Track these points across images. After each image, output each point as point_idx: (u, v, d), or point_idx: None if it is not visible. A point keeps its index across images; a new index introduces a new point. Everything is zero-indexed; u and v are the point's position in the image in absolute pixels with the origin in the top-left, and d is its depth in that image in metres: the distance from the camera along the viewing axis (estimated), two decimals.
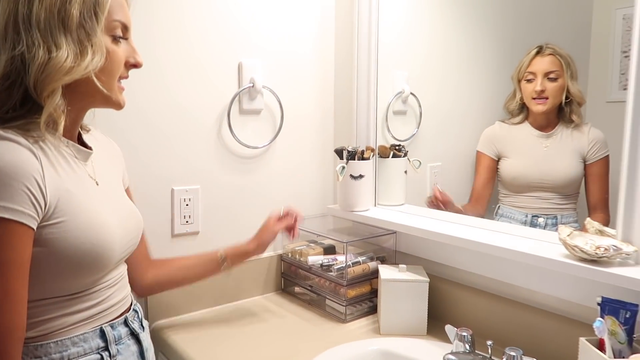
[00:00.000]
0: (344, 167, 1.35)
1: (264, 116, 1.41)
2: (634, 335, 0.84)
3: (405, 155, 1.43)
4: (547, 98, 1.28)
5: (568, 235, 0.95)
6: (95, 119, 0.91)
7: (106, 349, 0.80)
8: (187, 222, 1.29)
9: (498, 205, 1.36)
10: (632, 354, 0.78)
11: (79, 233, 0.73)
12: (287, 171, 1.48)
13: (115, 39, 0.78)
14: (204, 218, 1.32)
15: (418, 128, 1.54)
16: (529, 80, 1.30)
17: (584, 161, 1.24)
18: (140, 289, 1.05)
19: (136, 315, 0.90)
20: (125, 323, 0.85)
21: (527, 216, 1.29)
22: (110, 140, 0.97)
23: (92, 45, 0.73)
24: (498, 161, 1.38)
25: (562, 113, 1.28)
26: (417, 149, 1.51)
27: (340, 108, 1.55)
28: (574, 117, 1.26)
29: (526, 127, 1.33)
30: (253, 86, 1.35)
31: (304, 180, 1.52)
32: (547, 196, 1.28)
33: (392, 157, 1.42)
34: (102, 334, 0.80)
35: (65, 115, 0.74)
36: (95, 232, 0.75)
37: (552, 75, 1.26)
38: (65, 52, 0.71)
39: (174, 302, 1.25)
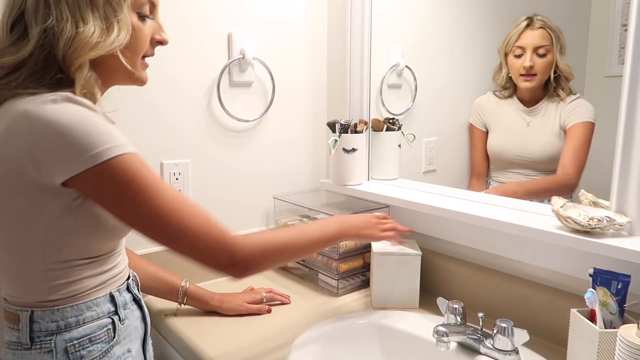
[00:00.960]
0: (336, 141, 1.33)
1: (254, 89, 1.38)
2: (625, 306, 0.83)
3: (399, 129, 1.41)
4: (535, 75, 1.23)
5: (561, 207, 0.93)
6: None
7: (116, 312, 0.82)
8: None
9: (489, 181, 1.35)
10: (623, 324, 0.77)
11: None
12: (279, 145, 1.46)
13: (142, 17, 0.80)
14: (194, 192, 1.31)
15: (413, 102, 1.51)
16: (517, 55, 1.25)
17: (564, 131, 1.21)
18: None
19: (135, 282, 0.92)
20: (128, 289, 0.87)
21: None
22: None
23: (118, 22, 0.75)
24: (487, 133, 1.35)
25: (548, 88, 1.24)
26: (412, 123, 1.48)
27: (333, 81, 1.53)
28: (560, 92, 1.22)
29: (514, 102, 1.30)
30: (243, 57, 1.32)
31: (296, 154, 1.50)
32: (529, 173, 1.25)
33: (386, 130, 1.40)
34: (112, 299, 0.82)
35: (98, 86, 0.76)
36: None
37: (541, 51, 1.21)
38: (92, 28, 0.72)
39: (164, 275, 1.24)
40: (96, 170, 0.68)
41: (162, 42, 0.85)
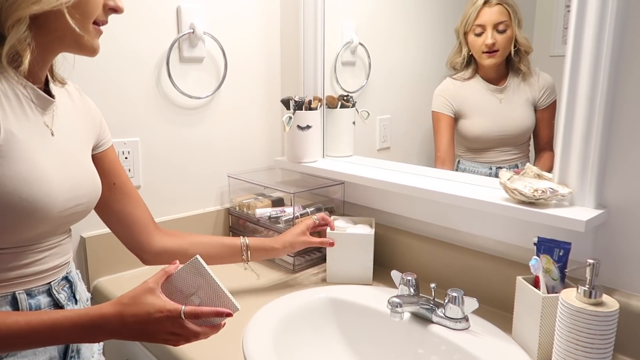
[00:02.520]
0: (290, 118, 1.32)
1: (206, 64, 1.34)
2: (566, 271, 0.88)
3: (354, 105, 1.41)
4: (497, 51, 1.24)
5: (508, 179, 0.97)
6: None
7: None
8: None
9: (458, 160, 1.34)
10: (564, 289, 0.81)
11: (8, 181, 0.66)
12: (233, 122, 1.43)
13: None
14: (145, 172, 1.27)
15: (367, 79, 1.52)
16: (477, 34, 1.25)
17: (535, 108, 1.24)
18: (148, 255, 0.99)
19: (67, 285, 0.82)
20: (49, 292, 0.77)
21: (491, 168, 1.28)
22: (86, 97, 0.89)
23: None
24: (456, 119, 1.33)
25: (511, 63, 1.26)
26: (366, 100, 1.49)
27: (286, 57, 1.50)
28: (522, 67, 1.24)
29: (478, 81, 1.30)
30: (193, 32, 1.28)
31: (250, 131, 1.48)
32: (507, 148, 1.27)
33: (340, 107, 1.40)
34: (14, 302, 0.72)
35: (30, 51, 0.67)
36: (27, 186, 0.68)
37: (501, 27, 1.22)
38: None
39: (115, 259, 1.21)
40: None
41: (116, 10, 0.76)
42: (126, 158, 1.22)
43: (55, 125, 0.77)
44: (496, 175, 1.24)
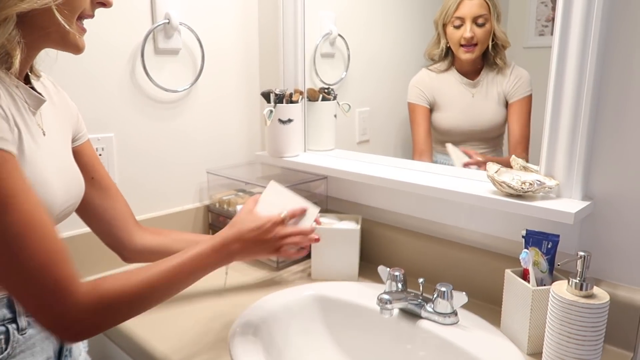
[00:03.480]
0: (271, 111, 1.29)
1: (182, 56, 1.30)
2: (558, 264, 0.88)
3: (335, 98, 1.39)
4: (476, 44, 1.23)
5: (496, 172, 0.96)
6: None
7: (13, 320, 0.70)
8: None
9: (434, 159, 1.33)
10: (553, 282, 0.81)
11: None
12: (211, 116, 1.39)
13: None
14: (120, 169, 1.22)
15: (346, 71, 1.49)
16: (456, 27, 1.23)
17: (507, 101, 1.24)
18: (129, 253, 0.95)
19: None
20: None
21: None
22: (59, 89, 0.86)
23: None
24: (431, 111, 1.32)
25: (487, 57, 1.25)
26: (346, 93, 1.47)
27: (265, 49, 1.47)
28: (498, 61, 1.23)
29: (453, 74, 1.29)
30: (169, 22, 1.23)
31: (229, 125, 1.44)
32: (476, 143, 1.27)
33: (322, 100, 1.37)
34: (10, 303, 0.70)
35: (20, 50, 0.64)
36: (36, 191, 0.65)
37: (480, 20, 1.20)
38: None
39: (96, 258, 1.15)
40: None
41: (105, 4, 0.73)
42: (100, 155, 1.17)
43: (45, 124, 0.75)
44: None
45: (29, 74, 0.76)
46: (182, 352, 0.87)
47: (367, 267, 1.17)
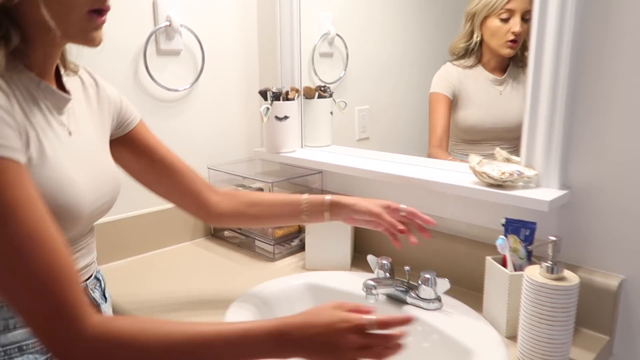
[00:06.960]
0: (268, 109, 1.34)
1: (183, 57, 1.36)
2: (529, 248, 0.91)
3: (331, 96, 1.43)
4: (518, 41, 1.15)
5: (477, 163, 1.00)
6: None
7: None
8: None
9: (452, 154, 1.31)
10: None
11: (44, 191, 0.62)
12: (212, 114, 1.45)
13: None
14: None
15: (345, 70, 1.54)
16: (503, 19, 1.15)
17: None
18: (211, 216, 0.97)
19: (98, 284, 0.81)
20: (85, 292, 0.75)
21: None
22: (98, 80, 0.84)
23: None
24: (452, 106, 1.27)
25: (515, 54, 1.19)
26: (345, 91, 1.51)
27: (264, 49, 1.52)
28: (525, 58, 1.11)
29: (479, 70, 1.22)
30: (170, 25, 1.29)
31: (229, 123, 1.49)
32: (499, 142, 1.21)
33: (318, 98, 1.42)
34: None
35: (5, 48, 0.61)
36: (61, 193, 0.65)
37: (527, 16, 1.10)
38: None
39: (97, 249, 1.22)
40: None
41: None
42: None
43: (71, 123, 0.74)
44: None
45: (62, 69, 0.74)
46: None
47: (360, 258, 1.20)
